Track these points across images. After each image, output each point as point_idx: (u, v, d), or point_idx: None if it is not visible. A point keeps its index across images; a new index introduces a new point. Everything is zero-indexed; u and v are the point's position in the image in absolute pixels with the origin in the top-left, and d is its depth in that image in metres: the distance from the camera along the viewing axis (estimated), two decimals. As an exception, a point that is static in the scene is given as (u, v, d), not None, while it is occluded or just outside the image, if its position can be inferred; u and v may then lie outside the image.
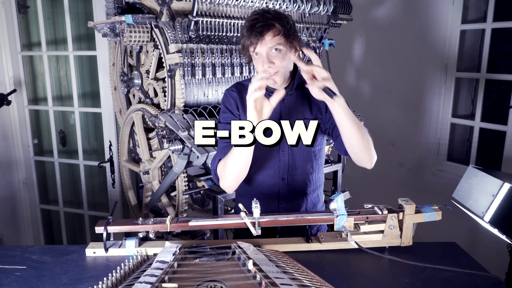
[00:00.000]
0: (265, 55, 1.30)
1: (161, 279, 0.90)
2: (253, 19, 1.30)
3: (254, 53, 1.33)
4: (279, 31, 1.29)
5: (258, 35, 1.28)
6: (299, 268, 1.02)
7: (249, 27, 1.30)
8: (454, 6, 2.82)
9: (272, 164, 1.45)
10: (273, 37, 1.29)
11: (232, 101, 1.46)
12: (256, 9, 1.41)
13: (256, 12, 1.33)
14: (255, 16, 1.31)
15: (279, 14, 1.33)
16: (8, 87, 2.98)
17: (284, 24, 1.30)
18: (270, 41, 1.29)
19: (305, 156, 1.46)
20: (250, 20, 1.31)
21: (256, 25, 1.28)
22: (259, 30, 1.27)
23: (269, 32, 1.28)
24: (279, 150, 1.44)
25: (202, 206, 2.23)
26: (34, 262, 1.17)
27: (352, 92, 3.38)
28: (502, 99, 2.78)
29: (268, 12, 1.31)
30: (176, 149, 1.86)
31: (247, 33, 1.30)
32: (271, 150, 1.44)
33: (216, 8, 1.92)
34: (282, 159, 1.45)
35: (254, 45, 1.30)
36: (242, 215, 1.18)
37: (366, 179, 3.44)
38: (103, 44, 2.84)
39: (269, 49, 1.29)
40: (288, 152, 1.45)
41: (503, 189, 1.21)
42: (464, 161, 2.99)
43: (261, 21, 1.28)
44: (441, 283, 1.05)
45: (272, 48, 1.30)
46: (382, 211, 1.22)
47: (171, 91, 2.00)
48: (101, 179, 3.29)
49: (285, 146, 1.44)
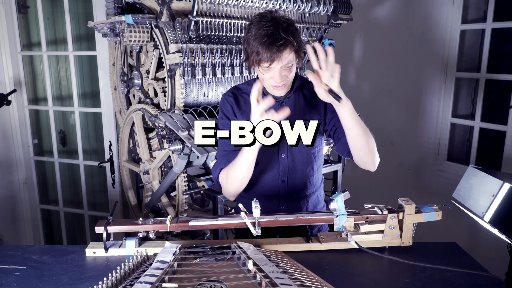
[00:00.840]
0: (278, 71, 1.28)
1: (161, 279, 0.90)
2: (269, 34, 1.22)
3: (266, 67, 1.28)
4: (293, 47, 1.26)
5: (277, 52, 1.23)
6: (299, 268, 1.02)
7: (266, 43, 1.22)
8: (454, 6, 2.82)
9: (271, 166, 1.45)
10: (289, 54, 1.26)
11: (229, 106, 1.46)
12: (264, 13, 1.28)
13: (268, 20, 1.24)
14: (269, 27, 1.23)
15: (291, 25, 1.27)
16: (8, 87, 2.98)
17: (296, 38, 1.27)
18: (286, 58, 1.26)
19: (305, 158, 1.46)
20: (265, 34, 1.22)
21: (275, 43, 1.21)
22: (279, 48, 1.22)
23: (287, 50, 1.24)
24: (279, 153, 1.44)
25: (202, 206, 2.23)
26: (34, 262, 1.17)
27: (352, 92, 3.36)
28: (502, 99, 2.78)
29: (281, 22, 1.24)
30: (176, 149, 1.86)
31: (262, 48, 1.23)
32: (271, 153, 1.44)
33: (216, 8, 1.92)
34: (281, 162, 1.45)
35: (270, 62, 1.25)
36: (242, 215, 1.18)
37: (366, 179, 3.44)
38: (103, 44, 2.84)
39: (283, 65, 1.27)
40: (288, 155, 1.45)
41: (503, 189, 1.22)
42: (464, 161, 2.99)
43: (279, 36, 1.22)
44: (441, 283, 1.05)
45: (286, 65, 1.28)
46: (382, 211, 1.22)
47: (171, 91, 2.00)
48: (101, 179, 3.29)
49: (285, 149, 1.44)
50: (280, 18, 1.26)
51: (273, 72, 1.29)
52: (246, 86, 1.49)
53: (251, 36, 1.25)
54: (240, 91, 1.48)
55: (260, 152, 1.37)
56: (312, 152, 1.47)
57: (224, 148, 1.44)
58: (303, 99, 1.47)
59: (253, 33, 1.25)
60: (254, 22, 1.27)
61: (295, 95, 1.46)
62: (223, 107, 1.48)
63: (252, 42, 1.25)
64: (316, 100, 1.44)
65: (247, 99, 1.45)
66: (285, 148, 1.44)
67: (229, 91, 1.50)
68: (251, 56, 1.27)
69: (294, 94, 1.45)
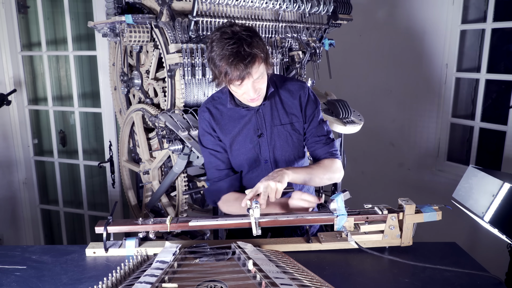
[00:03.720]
0: (251, 86, 1.27)
1: (161, 279, 0.90)
2: (235, 51, 1.18)
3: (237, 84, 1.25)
4: (262, 59, 1.24)
5: (246, 69, 1.19)
6: (299, 268, 1.02)
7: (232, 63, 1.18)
8: (454, 6, 2.82)
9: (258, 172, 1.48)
10: (258, 67, 1.24)
11: (206, 123, 1.46)
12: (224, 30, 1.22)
13: (230, 36, 1.20)
14: (232, 44, 1.18)
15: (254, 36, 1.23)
16: (8, 87, 2.98)
17: (262, 48, 1.24)
18: (256, 72, 1.24)
19: (288, 162, 1.48)
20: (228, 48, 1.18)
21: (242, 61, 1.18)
22: (246, 65, 1.19)
23: (255, 64, 1.22)
24: (261, 160, 1.47)
25: (202, 206, 2.23)
26: (34, 262, 1.17)
27: (352, 92, 3.37)
28: (502, 99, 2.78)
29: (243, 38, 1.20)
30: (176, 149, 1.87)
31: (230, 68, 1.19)
32: (255, 160, 1.46)
33: (216, 8, 1.92)
34: (266, 168, 1.47)
35: (240, 80, 1.22)
36: (251, 212, 1.17)
37: (366, 179, 3.45)
38: (103, 44, 2.84)
39: (255, 79, 1.26)
40: (271, 161, 1.47)
41: (503, 189, 1.21)
42: (464, 161, 2.99)
43: (245, 54, 1.18)
44: (441, 283, 1.05)
45: (257, 78, 1.26)
46: (382, 211, 1.22)
47: (171, 91, 2.00)
48: (101, 179, 3.29)
49: (267, 156, 1.46)
50: (241, 31, 1.21)
51: (245, 87, 1.27)
52: (220, 95, 1.48)
53: (216, 56, 1.21)
54: (214, 102, 1.48)
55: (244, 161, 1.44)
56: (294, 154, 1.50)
57: (215, 167, 1.47)
58: (280, 103, 1.46)
59: (217, 52, 1.21)
60: (215, 40, 1.22)
61: (270, 102, 1.45)
62: (201, 123, 1.48)
63: (218, 63, 1.21)
64: (293, 102, 1.46)
65: (222, 110, 1.46)
66: (267, 154, 1.46)
67: (203, 105, 1.49)
68: (219, 77, 1.24)
69: (269, 101, 1.45)
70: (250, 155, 1.45)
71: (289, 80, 1.50)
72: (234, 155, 1.46)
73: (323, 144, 1.46)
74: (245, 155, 1.45)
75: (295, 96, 1.46)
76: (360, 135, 2.44)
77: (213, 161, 1.47)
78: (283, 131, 1.45)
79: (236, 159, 1.46)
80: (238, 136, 1.44)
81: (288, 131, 1.45)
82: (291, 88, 1.47)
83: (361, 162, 3.43)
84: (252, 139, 1.44)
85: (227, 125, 1.45)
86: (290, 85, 1.48)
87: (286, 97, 1.46)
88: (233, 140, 1.44)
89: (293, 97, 1.46)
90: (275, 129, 1.44)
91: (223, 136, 1.45)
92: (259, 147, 1.45)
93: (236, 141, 1.44)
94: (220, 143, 1.46)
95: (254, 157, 1.45)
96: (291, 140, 1.46)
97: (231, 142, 1.45)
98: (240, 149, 1.45)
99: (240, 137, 1.44)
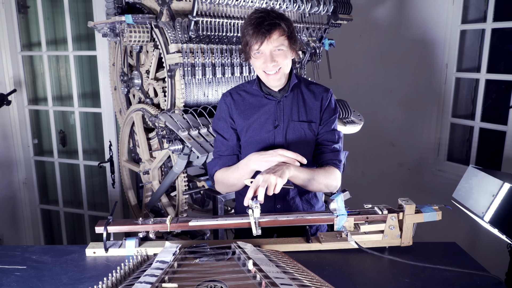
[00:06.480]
0: (269, 53, 1.33)
1: (161, 279, 0.90)
2: (259, 17, 1.30)
3: (257, 51, 1.34)
4: (284, 31, 1.32)
5: (265, 33, 1.29)
6: (299, 268, 1.02)
7: (256, 24, 1.30)
8: (454, 6, 2.82)
9: None
10: (279, 37, 1.32)
11: (225, 107, 1.50)
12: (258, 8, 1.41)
13: (261, 11, 1.34)
14: (260, 14, 1.31)
15: (283, 15, 1.35)
16: (8, 87, 2.98)
17: (288, 25, 1.33)
18: (276, 40, 1.31)
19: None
20: (256, 18, 1.31)
21: (264, 23, 1.29)
22: (266, 28, 1.29)
23: (276, 31, 1.30)
24: None
25: (202, 206, 2.23)
26: (34, 262, 1.17)
27: (352, 92, 3.38)
28: (502, 99, 2.78)
29: (273, 11, 1.33)
30: (176, 149, 1.87)
31: (252, 31, 1.31)
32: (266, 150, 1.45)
33: (216, 8, 1.92)
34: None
35: (259, 43, 1.31)
36: (250, 212, 1.17)
37: (366, 179, 3.45)
38: (103, 44, 2.84)
39: (273, 48, 1.32)
40: None
41: (503, 189, 1.22)
42: (464, 161, 2.99)
43: (268, 20, 1.29)
44: (441, 283, 1.05)
45: (276, 48, 1.33)
46: (382, 211, 1.22)
47: (171, 91, 2.00)
48: (101, 179, 3.29)
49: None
50: (274, 10, 1.35)
51: (264, 56, 1.34)
52: (246, 84, 1.53)
53: (244, 24, 1.35)
54: (238, 89, 1.52)
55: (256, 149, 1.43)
56: (309, 152, 1.49)
57: (219, 151, 1.50)
58: (302, 101, 1.48)
59: (246, 22, 1.34)
60: (248, 17, 1.36)
61: (293, 94, 1.47)
62: (220, 106, 1.51)
63: (244, 31, 1.34)
64: (314, 103, 1.47)
65: (245, 97, 1.49)
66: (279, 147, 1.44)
67: (227, 91, 1.54)
68: (242, 40, 1.35)
69: (292, 94, 1.46)
70: (263, 145, 1.45)
71: (315, 84, 1.53)
72: (247, 142, 1.47)
73: (330, 151, 1.47)
74: (258, 144, 1.46)
75: (317, 97, 1.48)
76: (360, 135, 2.44)
77: (219, 145, 1.51)
78: (299, 127, 1.45)
79: (248, 146, 1.47)
80: (255, 123, 1.45)
81: (304, 129, 1.46)
82: (315, 90, 1.50)
83: (361, 162, 3.43)
84: (268, 129, 1.45)
85: (247, 110, 1.47)
86: (315, 87, 1.51)
87: (309, 97, 1.49)
88: (249, 126, 1.46)
89: (316, 99, 1.48)
90: (291, 124, 1.45)
91: (240, 120, 1.46)
92: (273, 137, 1.45)
93: (252, 128, 1.46)
94: (230, 131, 1.48)
95: (266, 147, 1.45)
96: (305, 138, 1.47)
97: (247, 128, 1.46)
98: (254, 136, 1.46)
99: (256, 124, 1.45)
